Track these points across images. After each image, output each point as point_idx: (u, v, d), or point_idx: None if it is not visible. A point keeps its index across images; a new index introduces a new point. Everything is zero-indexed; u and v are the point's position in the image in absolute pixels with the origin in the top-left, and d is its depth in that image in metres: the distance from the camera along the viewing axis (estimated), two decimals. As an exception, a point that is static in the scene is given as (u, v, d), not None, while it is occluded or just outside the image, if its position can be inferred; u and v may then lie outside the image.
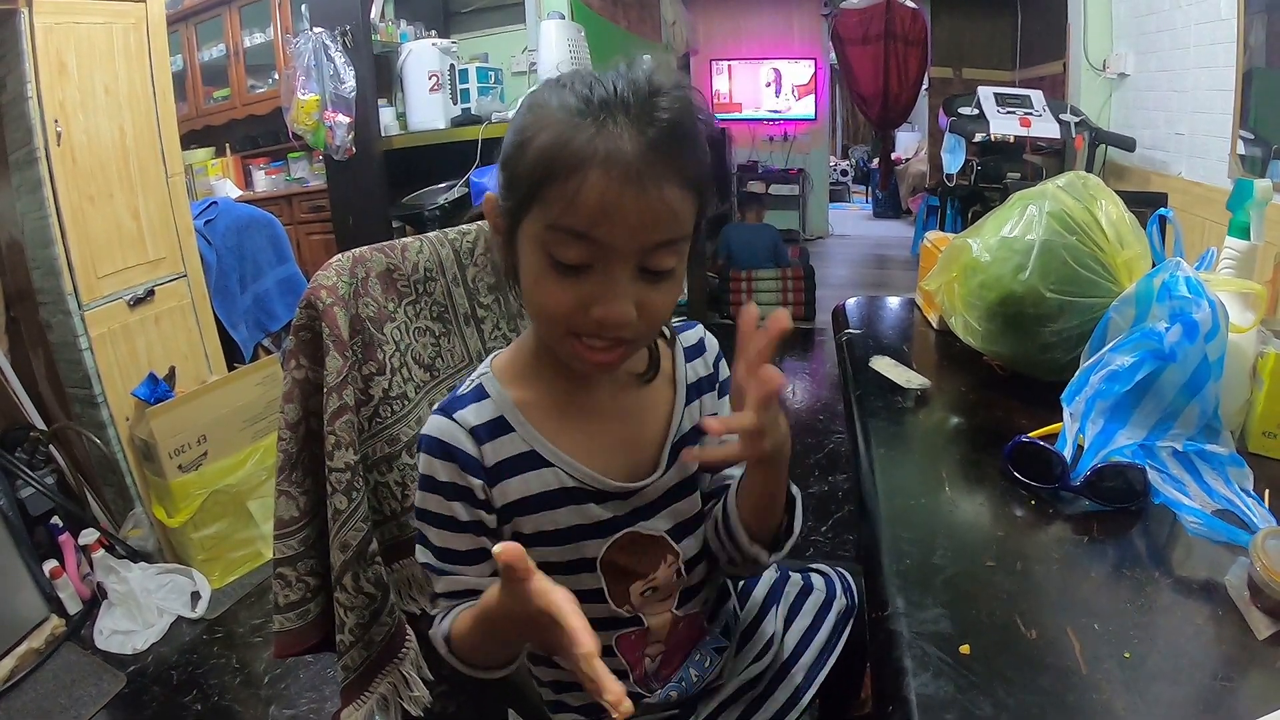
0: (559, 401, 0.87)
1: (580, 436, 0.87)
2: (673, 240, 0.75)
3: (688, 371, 0.95)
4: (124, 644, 2.24)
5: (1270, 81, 2.83)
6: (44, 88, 2.27)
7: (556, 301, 0.75)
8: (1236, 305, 1.02)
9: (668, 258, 0.76)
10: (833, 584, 1.17)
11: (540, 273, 0.76)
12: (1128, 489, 0.88)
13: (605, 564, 0.89)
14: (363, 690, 1.14)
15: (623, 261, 0.73)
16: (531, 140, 0.74)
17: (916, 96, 8.71)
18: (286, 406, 1.08)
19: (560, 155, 0.71)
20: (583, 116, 0.72)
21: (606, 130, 0.71)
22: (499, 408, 0.85)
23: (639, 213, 0.71)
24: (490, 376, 0.88)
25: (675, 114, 0.73)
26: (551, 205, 0.72)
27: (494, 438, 0.84)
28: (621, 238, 0.72)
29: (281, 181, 4.45)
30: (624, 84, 0.73)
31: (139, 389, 2.48)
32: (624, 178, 0.70)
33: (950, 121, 4.57)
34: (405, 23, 3.85)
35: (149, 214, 2.63)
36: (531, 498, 0.85)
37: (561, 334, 0.78)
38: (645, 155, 0.71)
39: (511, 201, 0.77)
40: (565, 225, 0.72)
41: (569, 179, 0.71)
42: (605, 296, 0.74)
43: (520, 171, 0.75)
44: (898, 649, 0.67)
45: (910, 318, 1.62)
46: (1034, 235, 1.12)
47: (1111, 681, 0.62)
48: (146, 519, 2.56)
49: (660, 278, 0.77)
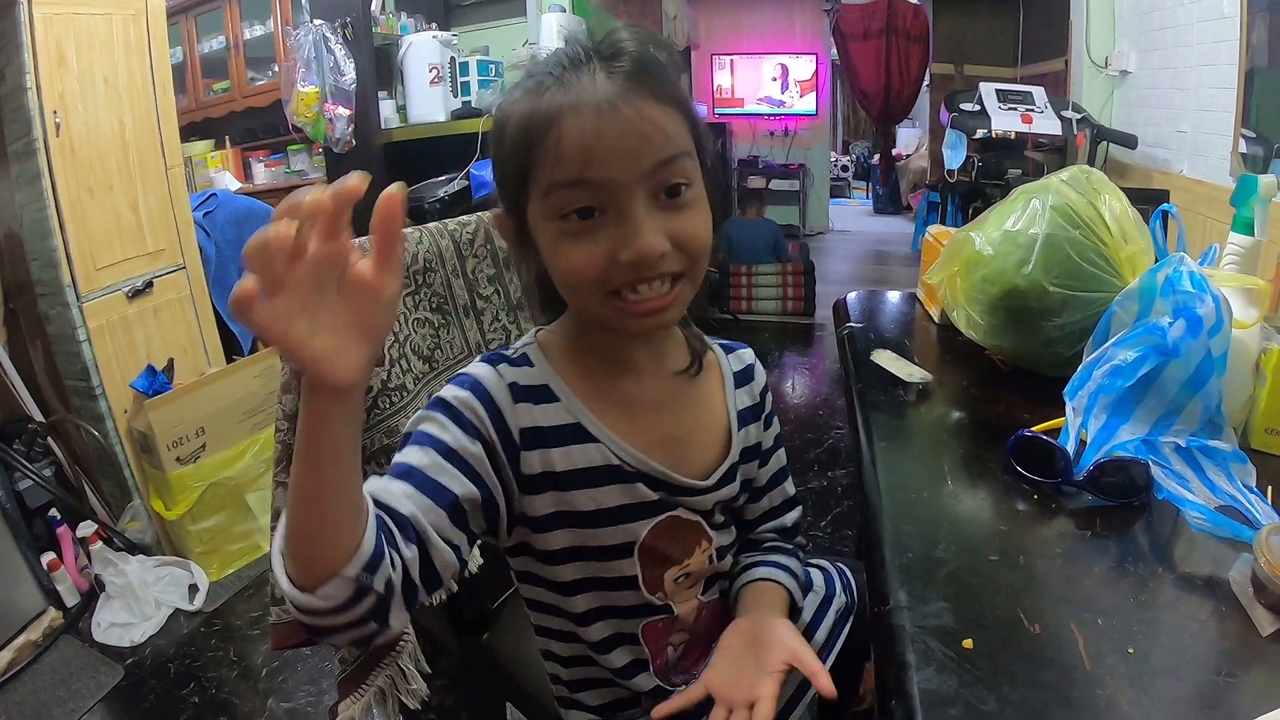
0: (601, 387, 0.85)
1: (626, 424, 0.85)
2: (671, 157, 0.73)
3: (736, 397, 0.95)
4: (122, 636, 2.24)
5: (1272, 81, 2.82)
6: (43, 79, 2.26)
7: (583, 261, 0.73)
8: (1240, 301, 1.01)
9: (674, 175, 0.73)
10: (832, 581, 1.16)
11: (557, 241, 0.74)
12: (1130, 484, 0.88)
13: (644, 549, 0.87)
14: (360, 683, 1.13)
15: (629, 195, 0.71)
16: (506, 129, 0.75)
17: (918, 92, 8.73)
18: (285, 398, 1.08)
19: (532, 122, 0.72)
20: (544, 83, 0.73)
21: (569, 82, 0.72)
22: (544, 377, 0.83)
23: (622, 137, 0.70)
24: (535, 348, 0.86)
25: (636, 46, 0.74)
26: (541, 172, 0.72)
27: (535, 401, 0.81)
28: (617, 169, 0.70)
29: (281, 174, 4.43)
30: (578, 42, 0.75)
31: (137, 381, 2.47)
32: (596, 112, 0.70)
33: (951, 117, 4.57)
34: (405, 15, 3.84)
35: (148, 206, 2.62)
36: (577, 472, 0.82)
37: (600, 298, 0.75)
38: (613, 87, 0.71)
39: (509, 196, 0.77)
40: (559, 179, 0.71)
41: (546, 138, 0.71)
42: (628, 237, 0.71)
43: (506, 161, 0.76)
44: (900, 643, 0.66)
45: (912, 312, 1.62)
46: (1037, 229, 1.11)
47: (1115, 677, 0.61)
48: (144, 511, 2.56)
49: (679, 204, 0.74)
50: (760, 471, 1.00)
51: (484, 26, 4.26)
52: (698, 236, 0.75)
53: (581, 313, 0.82)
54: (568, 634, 0.93)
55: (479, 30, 4.26)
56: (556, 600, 0.90)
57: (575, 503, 0.83)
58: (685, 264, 0.76)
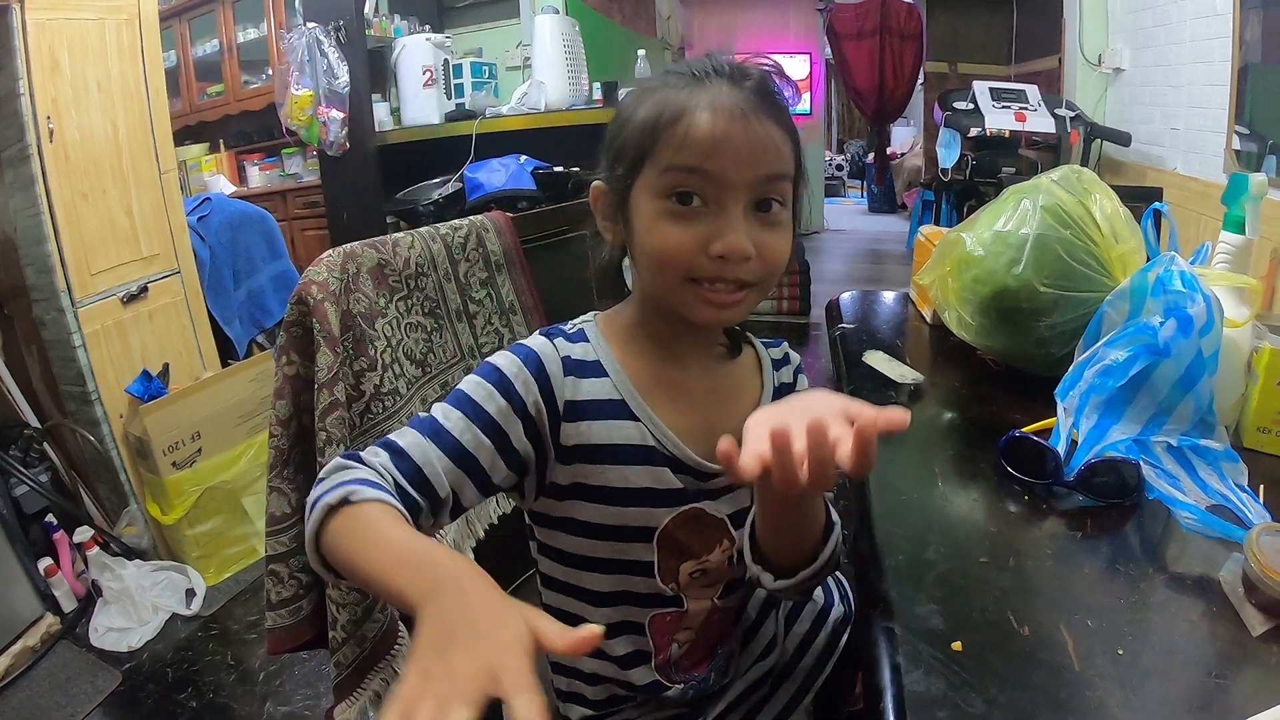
0: (651, 370, 0.87)
1: (668, 408, 0.86)
2: (780, 175, 0.79)
3: (775, 377, 0.97)
4: (119, 641, 2.23)
5: (1266, 77, 2.83)
6: (36, 84, 2.25)
7: (675, 243, 0.77)
8: (1231, 300, 1.02)
9: (775, 192, 0.79)
10: (830, 592, 1.17)
11: (656, 218, 0.78)
12: (1122, 484, 0.88)
13: (663, 536, 0.88)
14: (356, 687, 1.13)
15: (735, 196, 0.76)
16: (634, 114, 0.81)
17: (912, 91, 8.73)
18: (278, 403, 1.08)
19: (666, 110, 0.78)
20: (680, 82, 0.79)
21: (705, 86, 0.78)
22: (596, 353, 0.86)
23: (748, 143, 0.76)
24: (593, 326, 0.89)
25: (762, 76, 0.81)
26: (663, 152, 0.77)
27: (584, 375, 0.84)
28: (733, 168, 0.76)
29: (275, 177, 4.44)
30: (712, 60, 0.81)
31: (133, 386, 2.47)
32: (730, 114, 0.76)
33: (945, 116, 4.58)
34: (399, 17, 3.84)
35: (142, 210, 2.61)
36: (613, 447, 0.84)
37: (679, 281, 0.79)
38: (746, 98, 0.77)
39: (621, 169, 0.81)
40: (679, 163, 0.76)
41: (678, 124, 0.77)
42: (723, 231, 0.76)
43: (628, 140, 0.81)
44: (890, 645, 0.66)
45: (904, 312, 1.62)
46: (1028, 229, 1.11)
47: (1105, 678, 0.61)
48: (141, 516, 2.55)
49: (770, 219, 0.79)
50: None
51: (478, 28, 4.25)
52: (779, 253, 0.80)
53: (654, 292, 0.84)
54: (578, 618, 0.93)
55: (472, 32, 4.25)
56: (574, 577, 0.92)
57: (605, 478, 0.85)
58: (761, 275, 0.80)
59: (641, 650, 0.95)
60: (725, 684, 1.03)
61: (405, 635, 1.19)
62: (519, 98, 3.57)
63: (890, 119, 9.26)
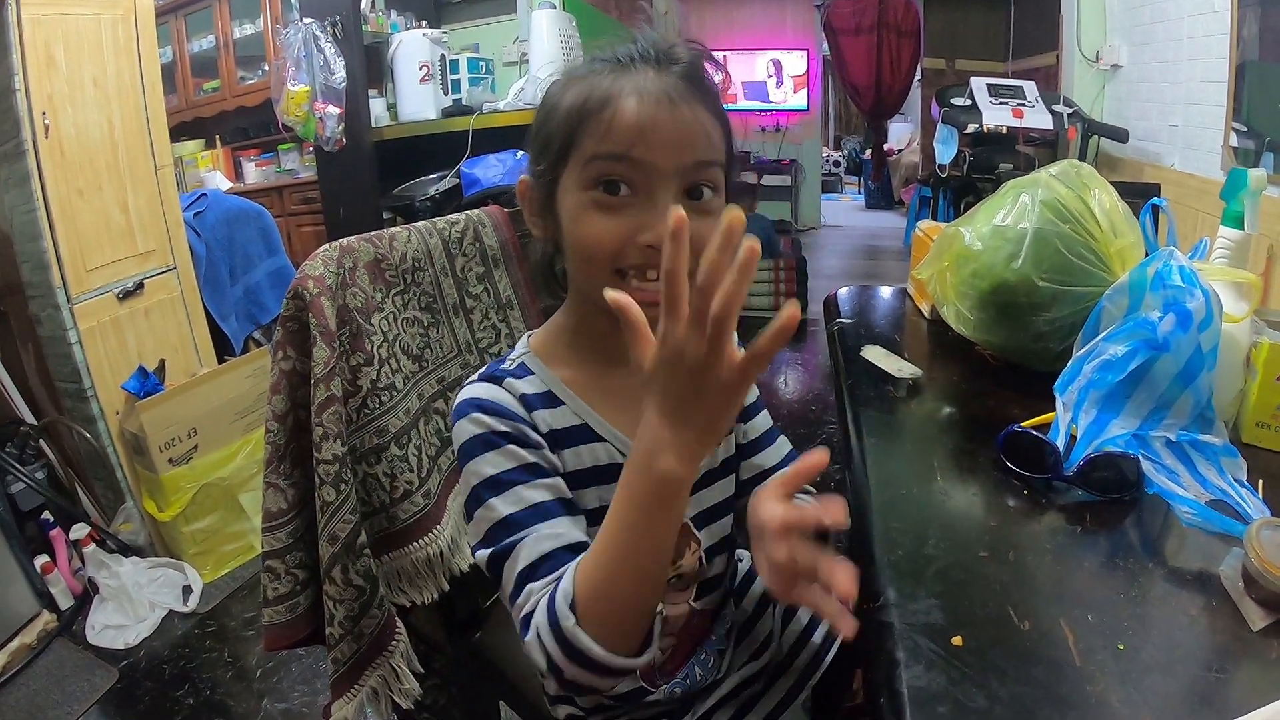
0: (598, 382, 0.86)
1: (625, 419, 0.85)
2: (710, 161, 0.77)
3: None
4: (116, 639, 2.23)
5: (1263, 75, 2.83)
6: (32, 80, 2.25)
7: (602, 234, 0.76)
8: (1230, 295, 1.01)
9: (706, 179, 0.77)
10: None
11: (582, 210, 0.77)
12: (1121, 479, 0.88)
13: None
14: (353, 683, 1.13)
15: (664, 185, 0.75)
16: (560, 103, 0.79)
17: (909, 87, 8.73)
18: (274, 398, 1.08)
19: (592, 96, 0.76)
20: (606, 68, 0.78)
21: (631, 72, 0.77)
22: (546, 383, 0.85)
23: (674, 129, 0.74)
24: (531, 355, 0.87)
25: (691, 59, 0.79)
26: (588, 142, 0.76)
27: (546, 407, 0.83)
28: (660, 155, 0.74)
29: (272, 173, 4.43)
30: (638, 44, 0.79)
31: (129, 382, 2.46)
32: (656, 100, 0.74)
33: (943, 112, 4.57)
34: (395, 13, 3.83)
35: (138, 207, 2.61)
36: (586, 471, 0.83)
37: (607, 275, 0.76)
38: (672, 84, 0.76)
39: (547, 161, 0.80)
40: (605, 151, 0.75)
41: (603, 111, 0.75)
42: (652, 220, 0.74)
43: (553, 130, 0.79)
44: (889, 641, 0.66)
45: (902, 307, 1.61)
46: (1027, 223, 1.11)
47: (1106, 673, 0.61)
48: (137, 513, 2.55)
49: (701, 208, 0.77)
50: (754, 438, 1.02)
51: (474, 24, 4.24)
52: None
53: (585, 288, 0.83)
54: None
55: (469, 28, 4.25)
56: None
57: (585, 500, 0.83)
58: (693, 266, 0.76)
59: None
60: (718, 680, 1.03)
61: (402, 631, 1.19)
62: (516, 93, 3.56)
63: (887, 115, 9.26)
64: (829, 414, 3.61)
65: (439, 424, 1.24)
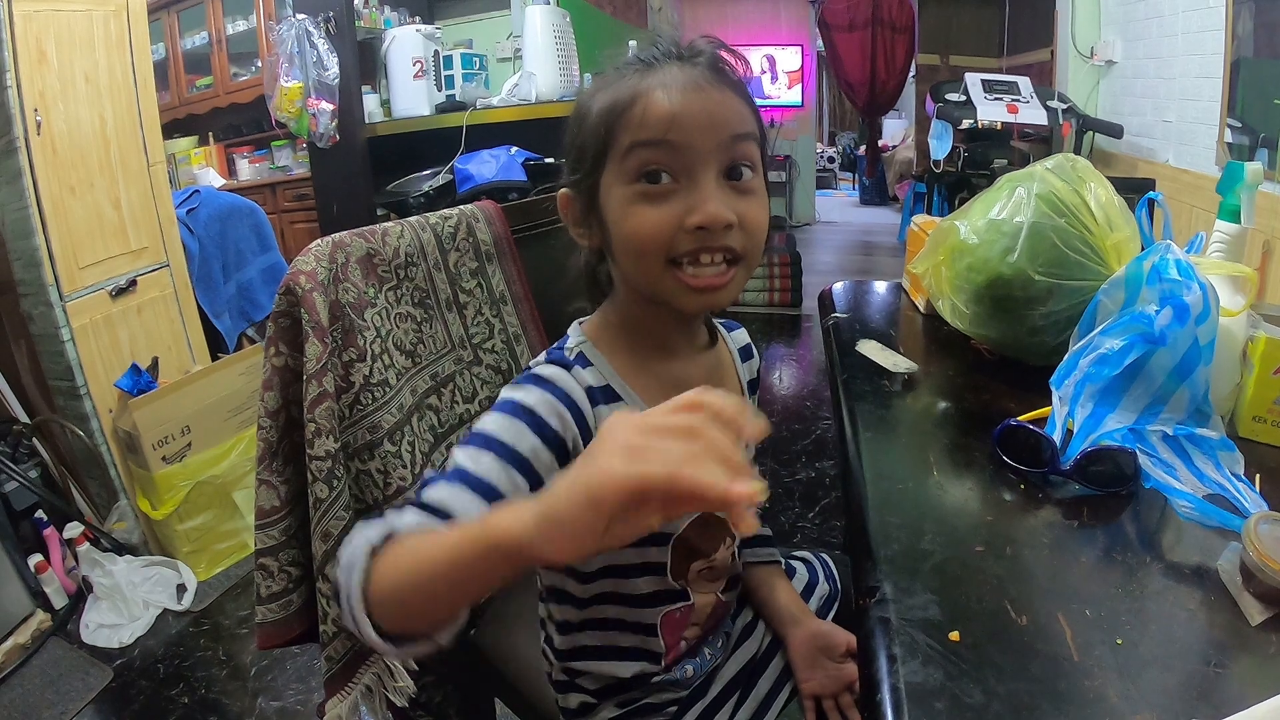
0: (653, 375, 0.87)
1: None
2: (746, 133, 0.78)
3: (745, 370, 0.99)
4: (110, 638, 2.23)
5: (1258, 71, 2.83)
6: (23, 77, 2.24)
7: (651, 223, 0.76)
8: (1226, 289, 1.01)
9: (744, 155, 0.78)
10: (815, 570, 1.18)
11: (628, 204, 0.77)
12: (1118, 473, 0.87)
13: (680, 540, 0.89)
14: (347, 681, 1.12)
15: (705, 165, 0.76)
16: (590, 108, 0.80)
17: (903, 83, 8.75)
18: (266, 394, 1.07)
19: (621, 96, 0.77)
20: (631, 70, 0.79)
21: (657, 69, 0.78)
22: (606, 376, 0.84)
23: (707, 110, 0.75)
24: (590, 345, 0.87)
25: (713, 51, 0.81)
26: (623, 136, 0.77)
27: (606, 402, 0.82)
28: (696, 136, 0.75)
29: (265, 170, 4.41)
30: (660, 45, 0.81)
31: (122, 380, 2.45)
32: (684, 88, 0.75)
33: (937, 108, 4.57)
34: (389, 9, 3.81)
35: (130, 204, 2.60)
36: None
37: (661, 266, 0.77)
38: (700, 73, 0.77)
39: (584, 168, 0.81)
40: (642, 139, 0.76)
41: (633, 106, 0.76)
42: (698, 202, 0.75)
43: (587, 135, 0.80)
44: (886, 636, 0.66)
45: (897, 302, 1.61)
46: (1022, 217, 1.11)
47: (1103, 668, 0.61)
48: (131, 511, 2.54)
49: (743, 187, 0.78)
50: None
51: (468, 20, 4.23)
52: (759, 221, 0.80)
53: (637, 284, 0.83)
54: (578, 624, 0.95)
55: (463, 23, 4.23)
56: (572, 586, 0.92)
57: None
58: (744, 244, 0.79)
59: (653, 652, 0.95)
60: (722, 661, 1.04)
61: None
62: (509, 89, 3.56)
63: (882, 111, 9.28)
64: (823, 410, 3.62)
65: (432, 420, 1.23)
